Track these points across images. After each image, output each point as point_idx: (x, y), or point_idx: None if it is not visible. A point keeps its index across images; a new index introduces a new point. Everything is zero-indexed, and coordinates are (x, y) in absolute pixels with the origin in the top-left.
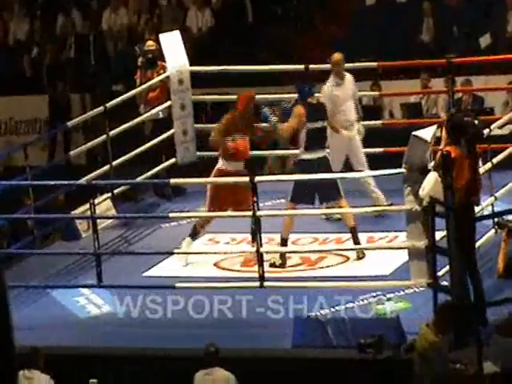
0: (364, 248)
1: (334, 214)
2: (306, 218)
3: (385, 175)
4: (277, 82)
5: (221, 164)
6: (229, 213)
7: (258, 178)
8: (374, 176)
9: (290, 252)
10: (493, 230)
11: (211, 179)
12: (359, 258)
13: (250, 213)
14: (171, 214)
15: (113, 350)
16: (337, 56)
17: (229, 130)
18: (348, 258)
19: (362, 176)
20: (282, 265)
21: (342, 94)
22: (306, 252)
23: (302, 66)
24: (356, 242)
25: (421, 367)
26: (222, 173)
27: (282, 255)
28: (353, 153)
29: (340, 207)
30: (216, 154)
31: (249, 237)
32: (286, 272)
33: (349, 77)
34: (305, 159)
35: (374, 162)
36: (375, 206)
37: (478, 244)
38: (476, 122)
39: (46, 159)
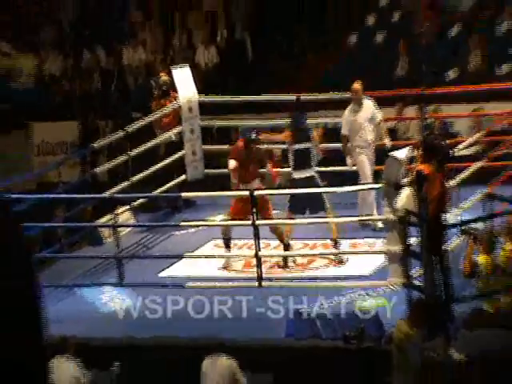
0: (348, 252)
1: (371, 222)
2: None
3: (366, 189)
4: (273, 109)
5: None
6: (232, 222)
7: (256, 192)
8: (356, 190)
9: (282, 256)
10: (459, 238)
11: (218, 193)
12: (339, 262)
13: (250, 222)
14: (182, 223)
15: (132, 340)
16: (355, 85)
17: (236, 160)
18: (344, 261)
19: (346, 190)
20: (286, 266)
21: (359, 118)
22: (297, 256)
23: (293, 97)
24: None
25: (398, 356)
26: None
27: (284, 258)
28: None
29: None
30: (220, 171)
31: (249, 242)
32: (281, 273)
33: (367, 102)
34: (296, 178)
35: (355, 178)
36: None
37: (447, 248)
38: (444, 144)
39: (74, 176)
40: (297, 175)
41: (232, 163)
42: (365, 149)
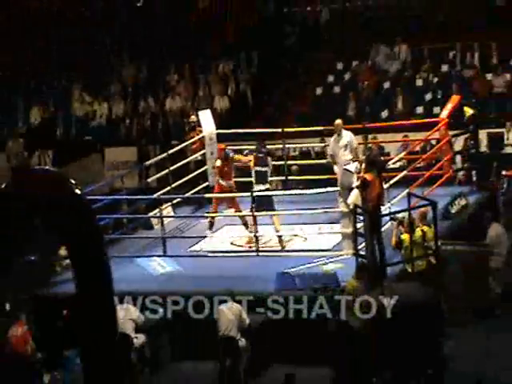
0: (317, 233)
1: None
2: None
3: (328, 192)
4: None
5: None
6: (231, 213)
7: (256, 193)
8: (322, 192)
9: (276, 235)
10: (389, 223)
11: (229, 195)
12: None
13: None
14: (206, 214)
15: (171, 292)
16: (336, 121)
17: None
18: (306, 239)
19: (312, 192)
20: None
21: (340, 144)
22: (283, 235)
23: (279, 130)
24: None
25: (348, 301)
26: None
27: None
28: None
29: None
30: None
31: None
32: (271, 247)
33: (346, 133)
34: (255, 190)
35: (323, 183)
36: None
37: (382, 229)
38: (381, 159)
39: (134, 184)
40: (256, 188)
41: (218, 162)
42: (344, 165)
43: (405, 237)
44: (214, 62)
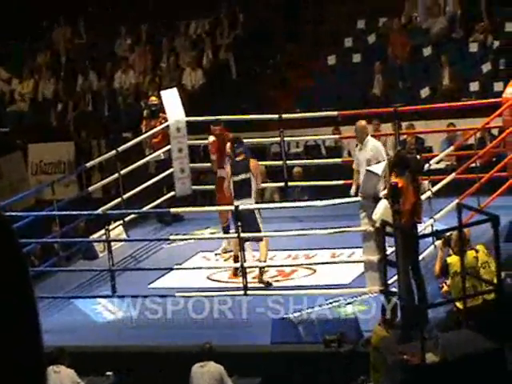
0: (329, 262)
1: None
2: (282, 238)
3: (344, 203)
4: (257, 127)
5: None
6: (217, 235)
7: (241, 207)
8: (335, 204)
9: (267, 266)
10: (433, 245)
11: (205, 208)
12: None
13: (235, 235)
14: (171, 237)
15: (124, 348)
16: (358, 124)
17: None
18: (315, 271)
19: (322, 205)
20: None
21: (361, 158)
22: (280, 266)
23: (276, 116)
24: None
25: (375, 358)
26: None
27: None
28: None
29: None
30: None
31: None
32: (264, 283)
33: (371, 142)
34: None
35: (336, 191)
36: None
37: (421, 256)
38: (418, 157)
39: (69, 194)
40: (236, 203)
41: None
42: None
43: (453, 260)
44: (182, 21)
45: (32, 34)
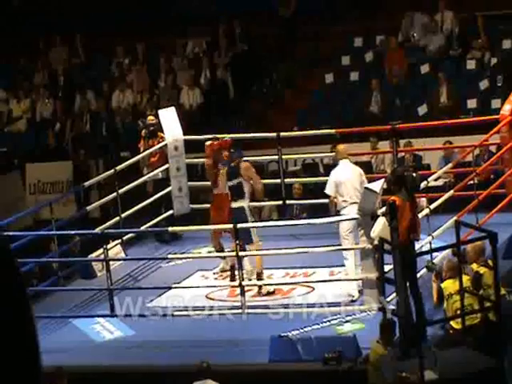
0: (328, 280)
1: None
2: (280, 255)
3: (342, 220)
4: (254, 146)
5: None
6: (215, 254)
7: (239, 226)
8: (333, 221)
9: (266, 284)
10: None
11: (203, 227)
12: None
13: (233, 253)
14: (170, 256)
15: (123, 368)
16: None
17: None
18: (313, 289)
19: (320, 222)
20: (272, 292)
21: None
22: (279, 284)
23: (274, 134)
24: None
25: (373, 376)
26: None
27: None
28: None
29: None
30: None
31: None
32: (264, 301)
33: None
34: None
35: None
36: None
37: (419, 274)
38: (415, 175)
39: (67, 213)
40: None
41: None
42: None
43: (446, 284)
44: (179, 39)
45: (29, 53)
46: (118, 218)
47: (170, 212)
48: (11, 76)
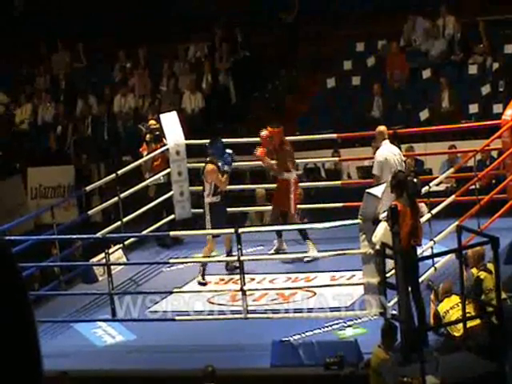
0: (329, 285)
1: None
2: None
3: (344, 225)
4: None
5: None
6: (214, 258)
7: (241, 230)
8: (335, 226)
9: (267, 289)
10: (432, 268)
11: (204, 231)
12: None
13: (235, 257)
14: (171, 260)
15: (125, 372)
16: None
17: None
18: (315, 293)
19: (322, 227)
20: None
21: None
22: (280, 289)
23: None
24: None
25: (375, 381)
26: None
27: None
28: None
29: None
30: None
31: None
32: (266, 305)
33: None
34: (212, 202)
35: (335, 214)
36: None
37: (421, 279)
38: (416, 180)
39: (69, 217)
40: (213, 199)
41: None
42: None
43: (442, 305)
44: (181, 44)
45: (31, 58)
46: (119, 222)
47: (172, 216)
48: (13, 80)
